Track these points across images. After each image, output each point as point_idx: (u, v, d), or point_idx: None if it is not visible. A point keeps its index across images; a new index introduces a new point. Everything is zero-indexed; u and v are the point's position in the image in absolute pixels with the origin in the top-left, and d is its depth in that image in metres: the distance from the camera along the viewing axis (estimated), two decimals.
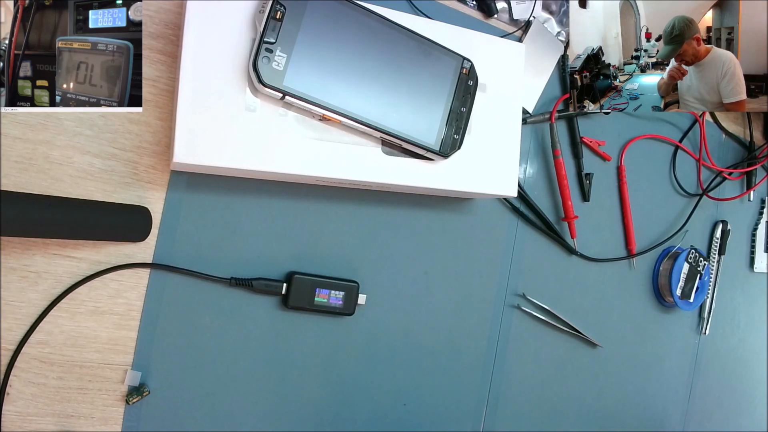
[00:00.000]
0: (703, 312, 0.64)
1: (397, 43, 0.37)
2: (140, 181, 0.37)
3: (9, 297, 0.34)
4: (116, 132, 0.36)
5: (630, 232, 0.57)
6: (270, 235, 0.41)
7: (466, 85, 0.40)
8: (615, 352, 0.57)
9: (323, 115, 0.36)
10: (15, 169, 0.34)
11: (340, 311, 0.42)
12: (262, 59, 0.33)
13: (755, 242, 0.69)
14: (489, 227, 0.50)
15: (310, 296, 0.41)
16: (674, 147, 0.61)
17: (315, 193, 0.42)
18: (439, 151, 0.39)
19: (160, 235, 0.38)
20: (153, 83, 0.37)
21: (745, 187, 0.67)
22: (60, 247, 0.35)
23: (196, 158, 0.33)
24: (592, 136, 0.55)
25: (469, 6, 0.49)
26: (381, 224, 0.45)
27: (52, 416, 0.35)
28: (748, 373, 0.70)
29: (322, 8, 0.34)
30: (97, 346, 0.36)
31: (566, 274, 0.54)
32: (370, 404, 0.45)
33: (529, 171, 0.52)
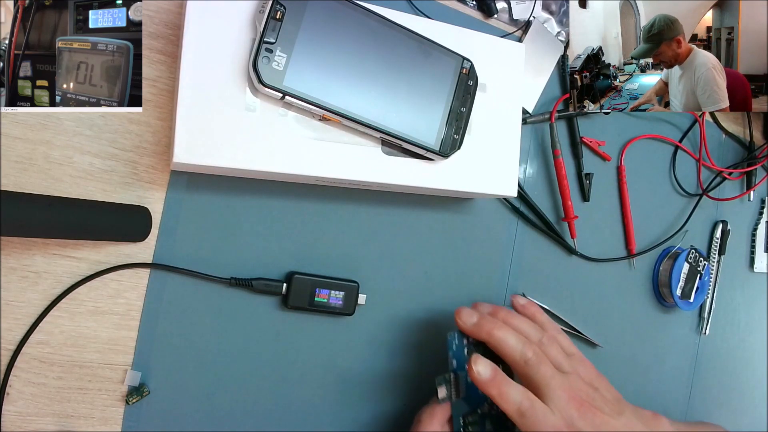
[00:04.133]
0: (703, 312, 0.64)
1: (397, 43, 0.37)
2: (140, 181, 0.37)
3: (9, 297, 0.34)
4: (116, 132, 0.36)
5: (630, 232, 0.57)
6: (270, 235, 0.41)
7: (466, 85, 0.40)
8: (615, 352, 0.57)
9: (323, 115, 0.36)
10: (15, 169, 0.34)
11: (340, 311, 0.42)
12: (262, 59, 0.33)
13: (755, 242, 0.69)
14: (489, 227, 0.50)
15: (310, 296, 0.41)
16: (674, 147, 0.61)
17: (315, 193, 0.42)
18: (439, 151, 0.39)
19: (160, 235, 0.38)
20: (153, 83, 0.37)
21: (745, 187, 0.67)
22: (60, 247, 0.35)
23: (196, 158, 0.33)
24: (592, 136, 0.55)
25: (469, 6, 0.49)
26: (381, 224, 0.45)
27: (52, 416, 0.35)
28: (748, 373, 0.70)
29: (322, 8, 0.34)
30: (97, 346, 0.36)
31: (566, 274, 0.54)
32: (370, 404, 0.45)
33: (529, 171, 0.52)
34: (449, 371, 0.42)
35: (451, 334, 0.43)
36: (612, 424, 0.42)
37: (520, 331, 0.44)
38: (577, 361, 0.46)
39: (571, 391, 0.42)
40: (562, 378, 0.43)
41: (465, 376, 0.42)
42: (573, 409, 0.42)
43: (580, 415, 0.42)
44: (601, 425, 0.42)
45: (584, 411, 0.42)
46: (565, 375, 0.43)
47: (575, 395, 0.42)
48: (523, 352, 0.42)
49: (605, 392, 0.44)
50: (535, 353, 0.42)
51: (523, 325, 0.46)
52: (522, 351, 0.42)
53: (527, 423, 0.41)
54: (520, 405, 0.40)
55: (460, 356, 0.42)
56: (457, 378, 0.42)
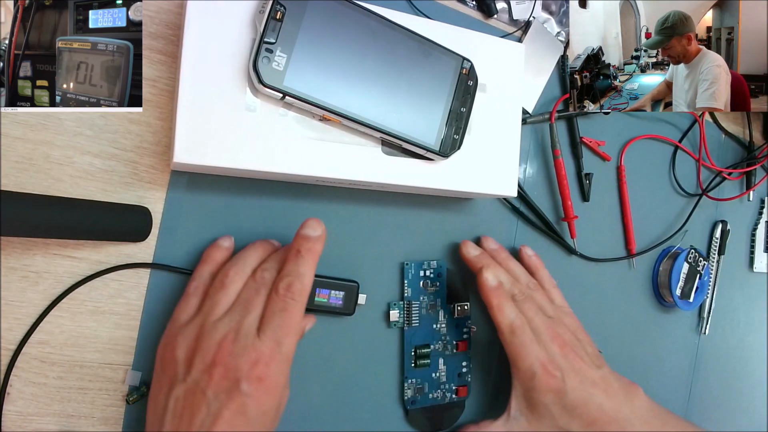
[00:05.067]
0: (702, 312, 0.64)
1: (397, 43, 0.37)
2: (140, 181, 0.37)
3: (9, 297, 0.34)
4: (116, 132, 0.36)
5: (630, 232, 0.57)
6: (270, 235, 0.41)
7: (466, 85, 0.40)
8: (615, 352, 0.57)
9: (323, 115, 0.36)
10: (15, 169, 0.34)
11: (340, 311, 0.42)
12: (262, 59, 0.33)
13: (755, 242, 0.69)
14: (489, 227, 0.50)
15: (311, 296, 0.41)
16: (674, 147, 0.61)
17: (315, 193, 0.42)
18: (439, 151, 0.39)
19: (160, 235, 0.38)
20: (153, 83, 0.37)
21: (744, 187, 0.67)
22: (60, 247, 0.35)
23: (196, 158, 0.33)
24: (592, 136, 0.55)
25: (469, 6, 0.49)
26: (381, 224, 0.45)
27: (53, 416, 0.35)
28: (748, 373, 0.70)
29: (322, 8, 0.34)
30: (98, 346, 0.36)
31: (566, 274, 0.54)
32: (370, 404, 0.45)
33: (529, 171, 0.52)
34: (403, 299, 0.43)
35: (407, 263, 0.44)
36: (590, 373, 0.42)
37: (512, 273, 0.45)
38: (563, 313, 0.46)
39: (554, 331, 0.42)
40: (546, 319, 0.43)
41: (419, 306, 0.44)
42: (556, 347, 0.42)
43: (562, 354, 0.42)
44: (580, 370, 0.42)
45: (566, 352, 0.42)
46: (550, 318, 0.43)
47: (558, 336, 0.42)
48: (510, 289, 0.43)
49: (588, 346, 0.45)
50: (522, 292, 0.43)
51: (518, 269, 0.46)
52: (510, 288, 0.43)
53: (515, 342, 0.41)
54: (513, 322, 0.41)
55: (416, 286, 0.44)
56: (410, 307, 0.43)
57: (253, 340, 0.31)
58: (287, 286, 0.33)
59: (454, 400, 0.46)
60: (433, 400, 0.45)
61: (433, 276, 0.45)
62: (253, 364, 0.31)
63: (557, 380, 0.41)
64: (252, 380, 0.30)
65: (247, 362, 0.31)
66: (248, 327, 0.32)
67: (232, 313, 0.33)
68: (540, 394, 0.41)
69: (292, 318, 0.32)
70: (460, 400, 0.46)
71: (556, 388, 0.40)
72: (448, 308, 0.46)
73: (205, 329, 0.32)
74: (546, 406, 0.41)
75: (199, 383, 0.31)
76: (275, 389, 0.32)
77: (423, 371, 0.45)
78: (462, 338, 0.47)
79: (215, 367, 0.31)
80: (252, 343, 0.31)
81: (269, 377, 0.31)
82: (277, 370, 0.31)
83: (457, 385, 0.46)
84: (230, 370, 0.30)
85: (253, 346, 0.31)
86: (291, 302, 0.33)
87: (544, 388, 0.40)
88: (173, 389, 0.31)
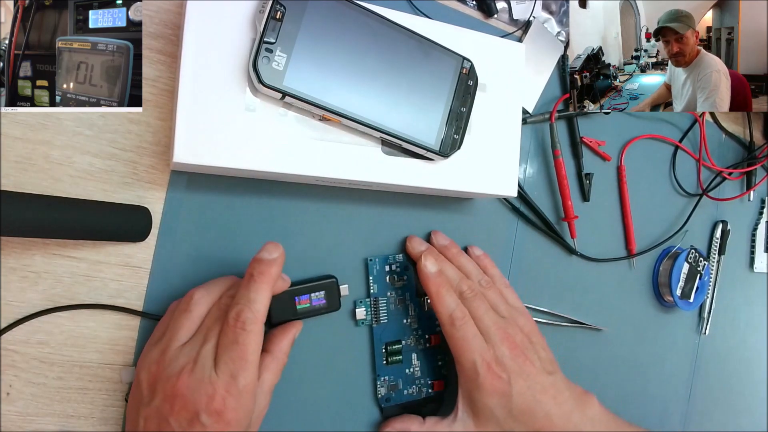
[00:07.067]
0: (703, 312, 0.64)
1: (397, 43, 0.37)
2: (140, 181, 0.37)
3: (9, 297, 0.34)
4: (116, 132, 0.36)
5: (630, 232, 0.57)
6: (270, 235, 0.41)
7: (466, 85, 0.40)
8: (615, 352, 0.57)
9: (323, 115, 0.36)
10: (15, 169, 0.34)
11: (326, 310, 0.41)
12: (262, 59, 0.33)
13: (755, 242, 0.69)
14: (489, 227, 0.50)
15: (292, 307, 0.40)
16: (674, 147, 0.61)
17: (315, 193, 0.42)
18: (439, 151, 0.39)
19: (160, 235, 0.38)
20: (153, 83, 0.37)
21: (745, 187, 0.67)
22: (60, 247, 0.35)
23: (196, 158, 0.33)
24: (592, 136, 0.55)
25: (469, 6, 0.49)
26: (381, 224, 0.45)
27: (52, 416, 0.35)
28: (748, 373, 0.70)
29: (322, 8, 0.34)
30: (97, 346, 0.36)
31: (566, 274, 0.54)
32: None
33: (529, 171, 0.52)
34: (369, 296, 0.42)
35: (371, 259, 0.43)
36: (540, 379, 0.40)
37: (463, 269, 0.43)
38: (518, 313, 0.43)
39: (505, 332, 0.40)
40: (498, 318, 0.40)
41: (385, 303, 0.43)
42: (506, 348, 0.39)
43: (512, 356, 0.39)
44: (529, 375, 0.39)
45: (516, 354, 0.39)
46: (502, 318, 0.41)
47: (509, 337, 0.40)
48: (459, 285, 0.40)
49: (541, 350, 0.42)
50: (471, 288, 0.40)
51: (469, 265, 0.44)
52: (459, 284, 0.40)
53: (455, 335, 0.38)
54: (453, 312, 0.39)
55: (382, 281, 0.43)
56: (377, 303, 0.42)
57: (210, 373, 0.30)
58: (236, 315, 0.31)
59: (430, 395, 0.45)
60: (408, 396, 0.44)
61: (400, 270, 0.44)
62: (210, 399, 0.30)
63: (503, 382, 0.38)
64: (211, 413, 0.30)
65: (203, 396, 0.30)
66: (204, 359, 0.31)
67: (193, 341, 0.32)
68: (484, 395, 0.38)
69: (244, 350, 0.31)
70: (437, 394, 0.45)
71: (502, 390, 0.38)
72: (417, 302, 0.45)
73: (166, 356, 0.32)
74: (491, 409, 0.39)
75: (162, 411, 0.30)
76: (236, 422, 0.30)
77: (396, 368, 0.44)
78: (435, 331, 0.45)
79: (175, 398, 0.30)
80: (208, 377, 0.30)
81: (227, 411, 0.30)
82: (236, 404, 0.30)
83: (432, 380, 0.45)
84: (189, 402, 0.30)
85: (210, 379, 0.30)
86: (242, 333, 0.31)
87: (489, 389, 0.38)
88: (140, 410, 0.32)
